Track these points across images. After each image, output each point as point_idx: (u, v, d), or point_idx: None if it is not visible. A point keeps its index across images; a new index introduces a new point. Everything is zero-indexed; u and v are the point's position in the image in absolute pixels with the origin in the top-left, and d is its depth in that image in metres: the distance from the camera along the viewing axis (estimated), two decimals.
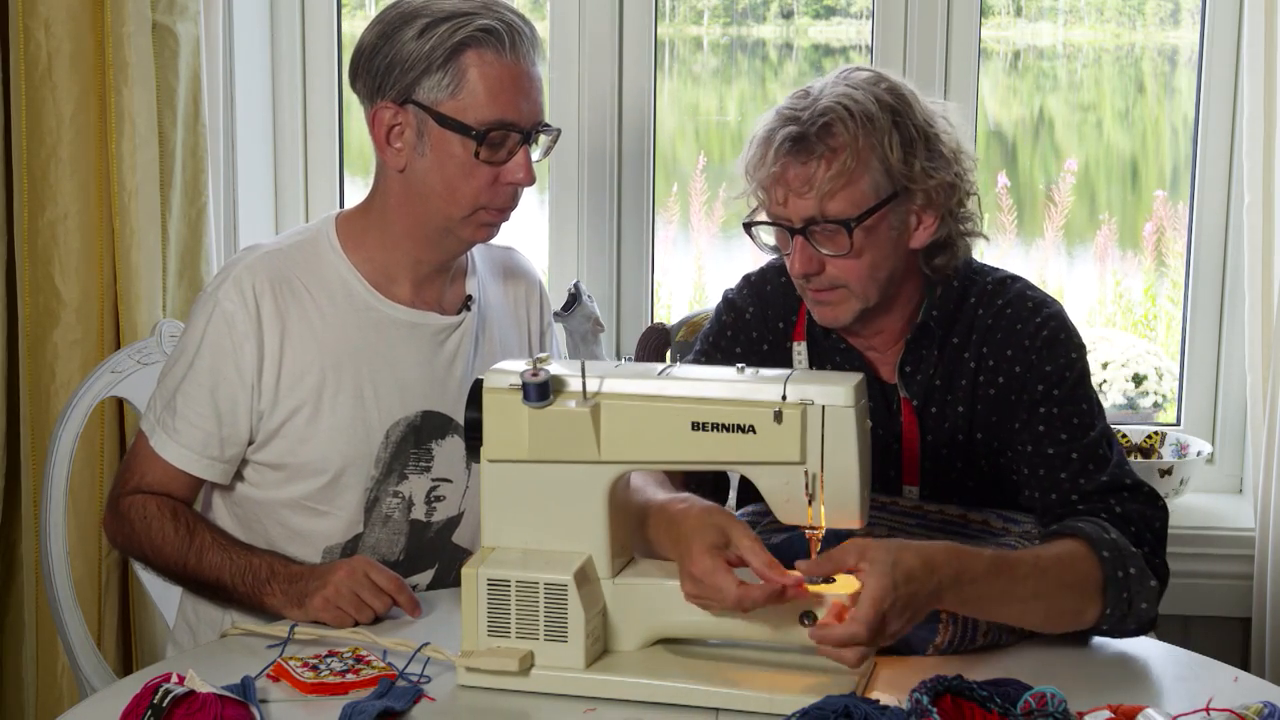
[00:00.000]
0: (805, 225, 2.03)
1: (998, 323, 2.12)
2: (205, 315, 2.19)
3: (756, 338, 2.23)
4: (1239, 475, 3.14)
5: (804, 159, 2.01)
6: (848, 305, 2.08)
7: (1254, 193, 2.87)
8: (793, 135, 2.01)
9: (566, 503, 1.84)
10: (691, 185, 3.39)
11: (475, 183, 2.13)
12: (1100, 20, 3.40)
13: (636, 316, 3.21)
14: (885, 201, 2.04)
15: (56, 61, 2.72)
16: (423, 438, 2.23)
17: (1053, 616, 1.93)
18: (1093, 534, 1.95)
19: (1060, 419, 2.07)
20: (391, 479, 2.22)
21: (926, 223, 2.08)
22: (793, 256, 2.06)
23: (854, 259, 2.04)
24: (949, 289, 2.13)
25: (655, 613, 1.85)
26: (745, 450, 1.78)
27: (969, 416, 2.12)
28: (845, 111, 2.01)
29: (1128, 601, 1.93)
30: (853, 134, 2.01)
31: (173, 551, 2.16)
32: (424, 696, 1.79)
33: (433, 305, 2.25)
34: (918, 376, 2.13)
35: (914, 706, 1.59)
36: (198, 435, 2.18)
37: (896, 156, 2.03)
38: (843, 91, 2.04)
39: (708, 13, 3.46)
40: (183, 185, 2.85)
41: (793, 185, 2.02)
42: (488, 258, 2.38)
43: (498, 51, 2.10)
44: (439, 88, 2.11)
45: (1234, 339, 3.08)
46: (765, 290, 2.24)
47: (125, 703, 1.68)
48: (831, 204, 2.01)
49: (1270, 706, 1.62)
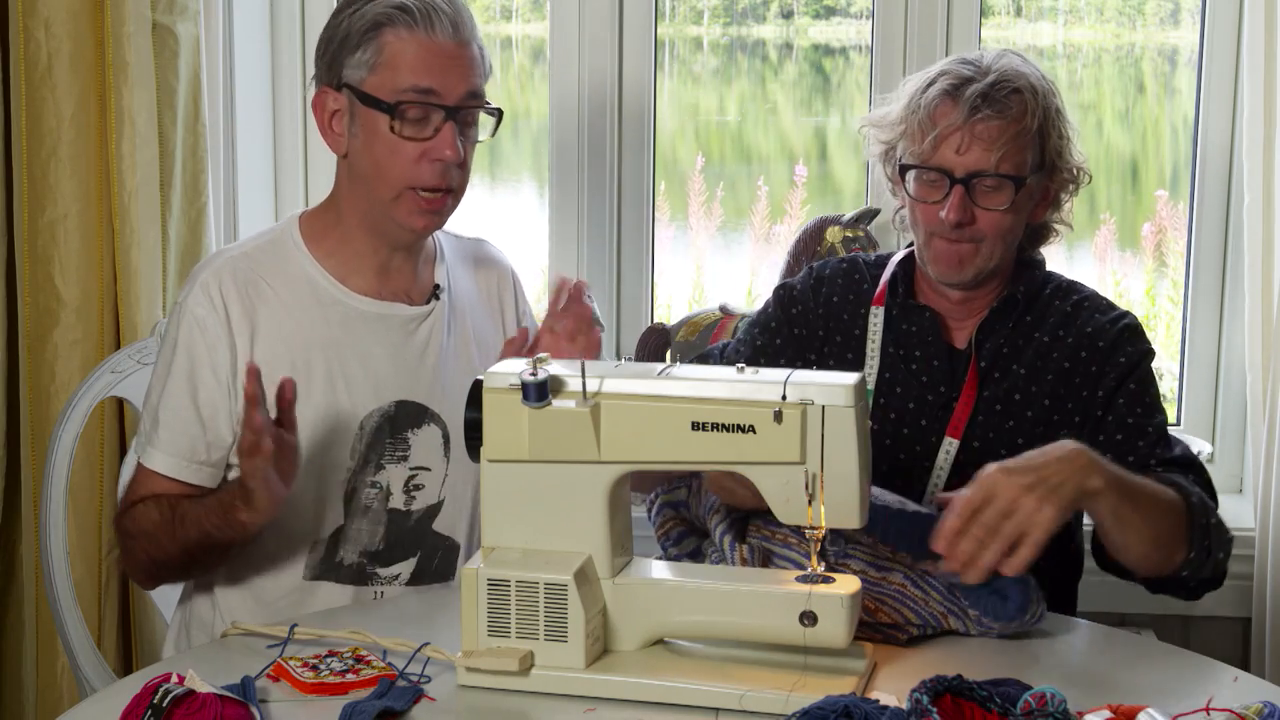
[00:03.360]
0: (969, 177, 2.18)
1: (1077, 311, 2.29)
2: (177, 325, 2.21)
3: (799, 312, 2.36)
4: (1239, 475, 3.14)
5: (996, 116, 2.17)
6: (974, 262, 2.23)
7: (1254, 193, 2.87)
8: (982, 93, 2.17)
9: (566, 503, 1.84)
10: (691, 185, 3.39)
11: (400, 161, 2.15)
12: (1100, 20, 3.40)
13: (636, 316, 3.21)
14: (1036, 171, 2.22)
15: (56, 61, 2.72)
16: (398, 427, 2.24)
17: (1161, 541, 2.03)
18: (1181, 484, 2.08)
19: (1138, 396, 2.21)
20: (368, 469, 2.23)
21: (1050, 199, 2.29)
22: (947, 204, 2.19)
23: (1005, 214, 2.20)
24: (1032, 276, 2.32)
25: (655, 613, 1.85)
26: (745, 450, 1.79)
27: (1030, 380, 2.24)
28: (1028, 82, 2.20)
29: (1208, 549, 2.06)
30: (1033, 103, 2.19)
31: (165, 536, 2.15)
32: (424, 696, 1.78)
33: (400, 296, 2.27)
34: (986, 344, 2.27)
35: (914, 706, 1.59)
36: (184, 442, 2.19)
37: (1056, 133, 2.23)
38: (1017, 64, 2.23)
39: (708, 13, 3.46)
40: (183, 185, 2.85)
41: (980, 136, 2.17)
42: (457, 247, 2.40)
43: (410, 28, 2.14)
44: (360, 65, 2.15)
45: (1234, 339, 3.08)
46: (824, 273, 2.39)
47: (125, 703, 1.68)
48: (1005, 162, 2.18)
49: (1270, 706, 1.62)
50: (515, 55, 3.57)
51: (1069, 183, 2.29)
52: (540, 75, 3.38)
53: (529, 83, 3.55)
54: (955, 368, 2.28)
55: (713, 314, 3.04)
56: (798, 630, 1.79)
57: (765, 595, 1.82)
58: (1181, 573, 2.07)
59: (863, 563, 1.98)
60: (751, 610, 1.82)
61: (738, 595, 1.83)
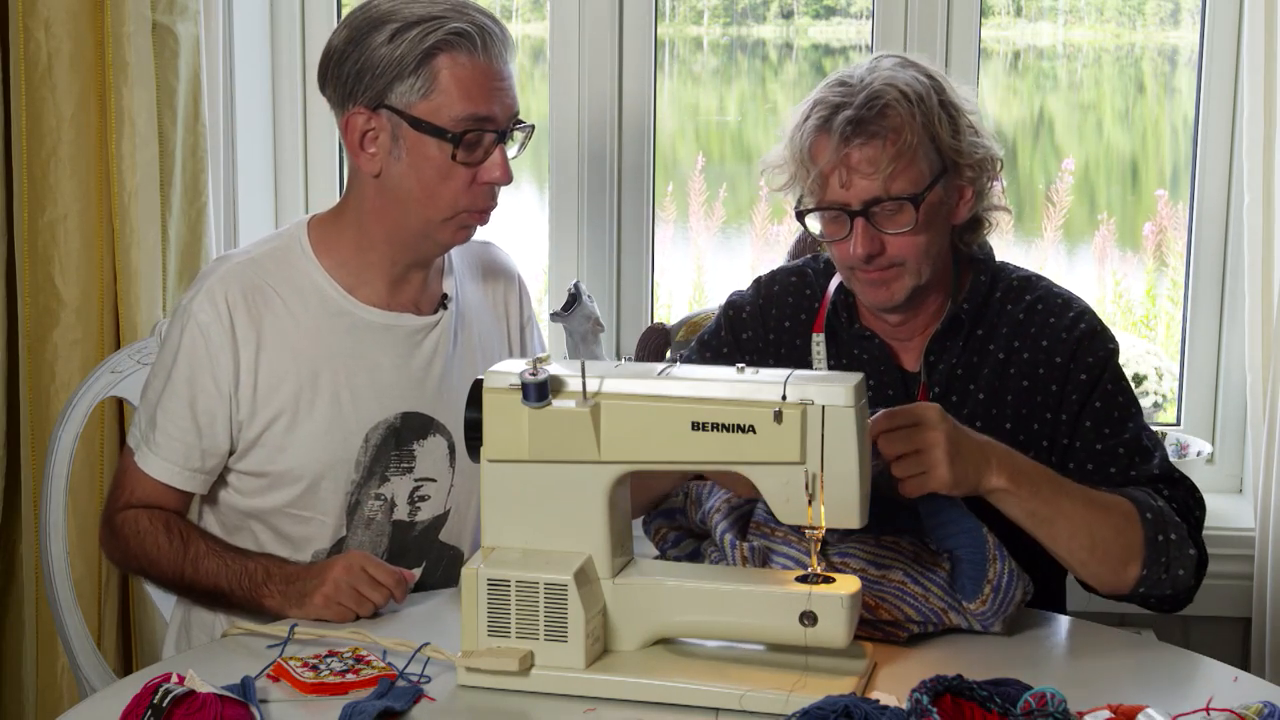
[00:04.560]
0: (866, 206, 2.08)
1: (1030, 317, 2.17)
2: (180, 328, 2.19)
3: (750, 338, 2.27)
4: (1239, 475, 3.14)
5: (867, 141, 2.06)
6: (902, 283, 2.13)
7: (1254, 193, 2.87)
8: (851, 119, 2.06)
9: (566, 503, 1.84)
10: (691, 185, 3.39)
11: (453, 185, 2.13)
12: (1100, 20, 3.40)
13: (636, 316, 3.21)
14: (938, 178, 2.11)
15: (56, 61, 2.72)
16: (403, 439, 2.23)
17: (1098, 553, 2.00)
18: (1139, 498, 2.03)
19: (1105, 411, 2.13)
20: (373, 482, 2.22)
21: (967, 198, 2.16)
22: (852, 240, 2.10)
23: (915, 235, 2.10)
24: (977, 282, 2.20)
25: (655, 613, 1.85)
26: (745, 450, 1.78)
27: (990, 405, 2.16)
28: (898, 93, 2.08)
29: (1165, 565, 2.01)
30: (909, 113, 2.07)
31: (168, 564, 2.16)
32: (424, 696, 1.78)
33: (408, 306, 2.26)
34: (940, 365, 2.18)
35: (914, 706, 1.59)
36: (179, 448, 2.18)
37: (946, 133, 2.10)
38: (886, 76, 2.10)
39: (708, 13, 3.46)
40: (183, 185, 2.85)
41: (857, 167, 2.07)
42: (465, 254, 2.38)
43: (470, 53, 2.11)
44: (412, 91, 2.11)
45: (1234, 339, 3.08)
46: (773, 290, 2.30)
47: (125, 703, 1.68)
48: (895, 183, 2.07)
49: (1270, 706, 1.62)
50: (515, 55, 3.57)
51: (979, 175, 2.15)
52: (540, 75, 3.38)
53: (529, 83, 3.55)
54: (910, 394, 2.19)
55: (713, 314, 3.03)
56: (798, 630, 1.79)
57: (765, 595, 1.81)
58: (1139, 590, 2.03)
59: (862, 561, 1.99)
60: (751, 610, 1.82)
61: (738, 595, 1.83)
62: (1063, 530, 1.99)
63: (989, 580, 1.94)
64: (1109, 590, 2.06)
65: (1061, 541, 2.00)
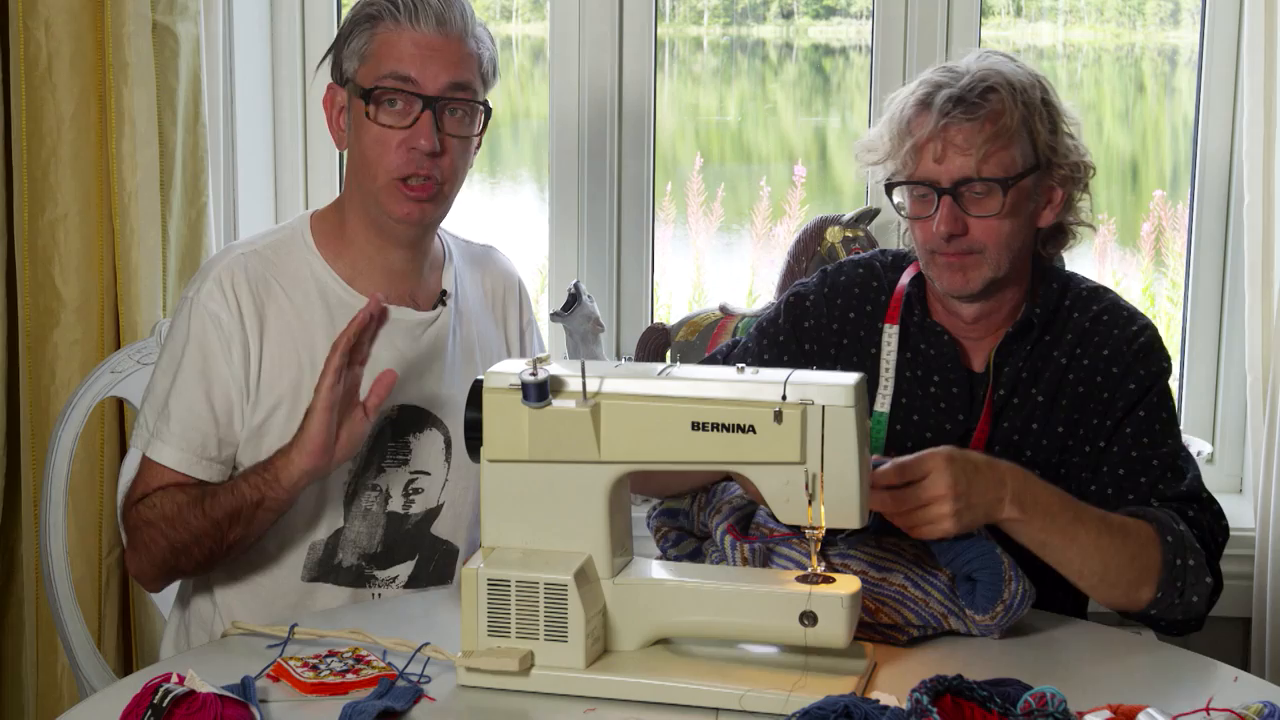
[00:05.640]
0: (955, 185, 2.10)
1: (1095, 326, 2.19)
2: (188, 318, 2.20)
3: (812, 326, 2.28)
4: (1239, 475, 3.14)
5: (967, 118, 2.09)
6: (980, 272, 2.14)
7: (1254, 193, 2.87)
8: (954, 96, 2.10)
9: (566, 503, 1.84)
10: (691, 185, 3.39)
11: (384, 150, 2.17)
12: (1100, 20, 3.40)
13: (636, 316, 3.21)
14: (1030, 170, 2.13)
15: (56, 61, 2.72)
16: (399, 431, 2.25)
17: (1109, 579, 2.00)
18: (1162, 519, 2.03)
19: (1146, 424, 2.14)
20: (369, 472, 2.24)
21: (1055, 201, 2.18)
22: (937, 217, 2.12)
23: (1000, 220, 2.12)
24: (1049, 290, 2.22)
25: (655, 613, 1.85)
26: (745, 450, 1.78)
27: (1048, 408, 2.17)
28: (1003, 79, 2.12)
29: (1180, 590, 2.02)
30: (1010, 101, 2.10)
31: (192, 513, 2.13)
32: (424, 696, 1.78)
33: (406, 300, 2.27)
34: (1005, 367, 2.20)
35: (914, 706, 1.59)
36: (195, 437, 2.18)
37: (1044, 129, 2.13)
38: (994, 64, 2.14)
39: (708, 13, 3.46)
40: (183, 185, 2.85)
41: (955, 142, 2.10)
42: (466, 253, 2.40)
43: (397, 21, 2.17)
44: (353, 57, 2.20)
45: (1234, 339, 3.08)
46: (839, 280, 2.31)
47: (125, 703, 1.68)
48: (987, 165, 2.09)
49: (1270, 706, 1.62)
50: (515, 55, 3.57)
51: (1070, 179, 2.18)
52: (540, 75, 3.38)
53: (529, 83, 3.55)
54: (974, 394, 2.20)
55: (713, 314, 3.03)
56: (798, 630, 1.79)
57: (765, 595, 1.81)
58: (1149, 611, 2.04)
59: (863, 563, 1.98)
60: (751, 610, 1.82)
61: (738, 595, 1.83)
62: (1074, 557, 1.99)
63: (1003, 600, 1.94)
64: (1119, 609, 2.07)
65: (1073, 567, 2.00)
